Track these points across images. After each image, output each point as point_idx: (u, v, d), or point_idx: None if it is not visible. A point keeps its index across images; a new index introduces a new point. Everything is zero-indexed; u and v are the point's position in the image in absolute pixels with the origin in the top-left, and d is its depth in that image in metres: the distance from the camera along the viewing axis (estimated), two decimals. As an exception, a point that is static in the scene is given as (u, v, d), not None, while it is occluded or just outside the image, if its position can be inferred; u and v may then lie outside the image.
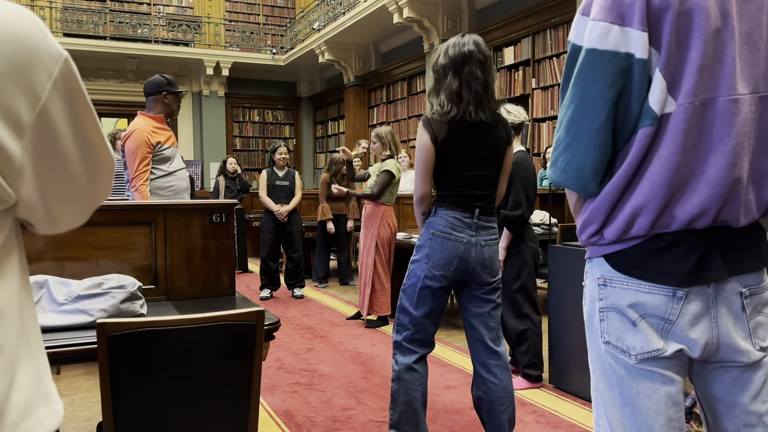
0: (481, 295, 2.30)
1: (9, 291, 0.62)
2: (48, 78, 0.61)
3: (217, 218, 2.34)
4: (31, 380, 0.63)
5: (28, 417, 0.62)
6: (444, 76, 2.21)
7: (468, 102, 2.17)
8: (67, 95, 0.63)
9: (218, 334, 1.49)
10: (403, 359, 2.28)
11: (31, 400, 0.63)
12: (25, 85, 0.59)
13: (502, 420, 2.31)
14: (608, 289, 1.13)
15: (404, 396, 2.27)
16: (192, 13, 12.77)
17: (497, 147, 2.27)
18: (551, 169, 1.16)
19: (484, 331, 2.30)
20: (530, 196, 3.31)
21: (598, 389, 1.18)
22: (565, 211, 5.69)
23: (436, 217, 2.25)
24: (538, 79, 7.21)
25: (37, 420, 0.63)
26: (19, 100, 0.59)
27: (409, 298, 2.28)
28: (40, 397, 0.64)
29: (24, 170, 0.61)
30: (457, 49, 2.19)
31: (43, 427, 0.63)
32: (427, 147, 2.20)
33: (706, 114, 1.05)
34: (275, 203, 5.92)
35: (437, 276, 2.22)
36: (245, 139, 13.48)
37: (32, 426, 0.62)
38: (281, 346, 4.34)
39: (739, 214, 1.07)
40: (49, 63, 0.61)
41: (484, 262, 2.24)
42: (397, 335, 2.31)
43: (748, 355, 1.09)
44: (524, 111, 3.37)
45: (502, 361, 2.32)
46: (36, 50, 0.60)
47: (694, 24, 1.03)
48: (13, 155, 0.59)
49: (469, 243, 2.21)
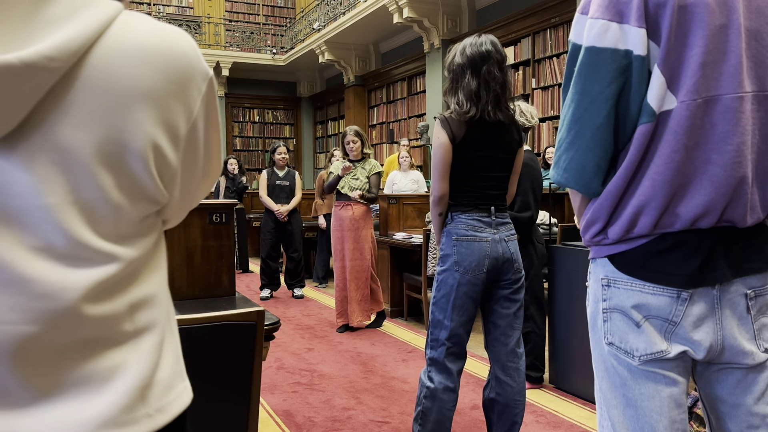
0: (509, 296, 2.27)
1: (161, 279, 0.71)
2: (198, 94, 0.68)
3: (217, 218, 2.34)
4: (172, 358, 0.72)
5: (170, 391, 0.69)
6: (462, 75, 2.19)
7: (487, 101, 2.16)
8: (208, 110, 0.70)
9: (218, 334, 1.48)
10: (441, 378, 2.22)
11: (173, 376, 0.70)
12: (184, 101, 0.66)
13: (515, 422, 2.30)
14: (612, 289, 1.12)
15: (438, 415, 2.21)
16: (192, 13, 12.77)
17: (510, 148, 2.27)
18: (554, 169, 1.16)
19: (510, 332, 2.28)
20: (538, 197, 3.29)
21: (602, 390, 1.17)
22: (566, 211, 5.69)
23: (454, 223, 2.22)
24: (538, 79, 7.21)
25: (176, 394, 0.70)
26: (179, 114, 0.65)
27: (442, 310, 2.22)
28: (178, 373, 0.72)
29: (176, 176, 0.68)
30: (474, 48, 2.18)
31: (180, 400, 0.70)
32: (445, 146, 2.18)
33: (711, 112, 1.04)
34: (275, 203, 5.91)
35: (471, 280, 2.18)
36: (245, 139, 13.48)
37: (173, 399, 0.69)
38: (281, 346, 4.34)
39: (745, 214, 1.06)
40: (200, 81, 0.68)
41: (511, 257, 2.23)
42: (432, 351, 2.24)
43: (753, 356, 1.08)
44: (536, 112, 3.34)
45: (520, 364, 2.30)
46: (192, 69, 0.67)
47: (696, 19, 1.02)
48: (171, 163, 0.66)
49: (494, 240, 2.20)
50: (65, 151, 0.58)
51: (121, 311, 0.64)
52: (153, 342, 0.68)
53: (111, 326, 0.63)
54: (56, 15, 0.57)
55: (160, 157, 0.64)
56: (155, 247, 0.70)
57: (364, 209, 4.71)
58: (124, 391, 0.63)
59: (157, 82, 0.63)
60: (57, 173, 0.58)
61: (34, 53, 0.54)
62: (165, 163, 0.65)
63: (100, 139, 0.59)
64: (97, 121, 0.59)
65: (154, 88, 0.62)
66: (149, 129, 0.62)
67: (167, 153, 0.65)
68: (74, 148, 0.58)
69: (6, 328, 0.57)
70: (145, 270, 0.68)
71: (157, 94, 0.63)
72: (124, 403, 0.63)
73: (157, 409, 0.66)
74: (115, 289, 0.63)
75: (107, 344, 0.63)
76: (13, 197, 0.57)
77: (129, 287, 0.65)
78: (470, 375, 3.63)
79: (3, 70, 0.52)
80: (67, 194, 0.58)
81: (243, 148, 13.38)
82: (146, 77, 0.62)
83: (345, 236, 4.68)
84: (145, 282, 0.67)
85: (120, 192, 0.62)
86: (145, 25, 0.64)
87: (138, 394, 0.64)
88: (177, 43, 0.65)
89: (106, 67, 0.59)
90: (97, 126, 0.59)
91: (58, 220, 0.58)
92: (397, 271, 5.22)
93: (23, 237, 0.58)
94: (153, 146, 0.63)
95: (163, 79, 0.63)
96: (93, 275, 0.60)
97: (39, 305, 0.58)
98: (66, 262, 0.59)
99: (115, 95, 0.60)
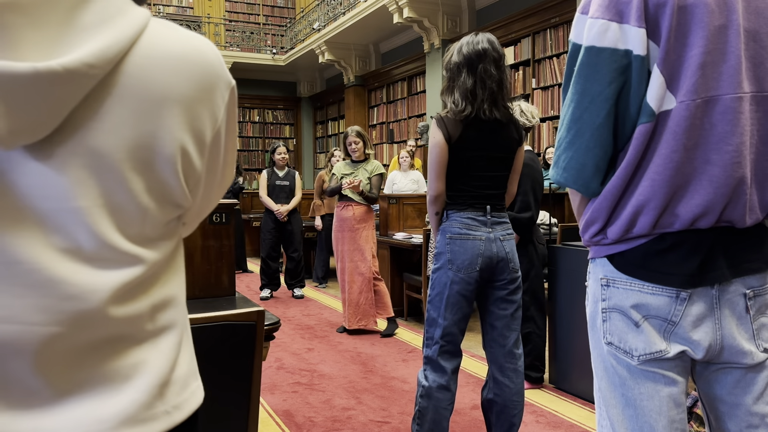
0: (506, 296, 2.26)
1: (180, 280, 0.73)
2: (222, 102, 0.69)
3: (217, 218, 2.34)
4: (188, 358, 0.73)
5: (185, 388, 0.71)
6: (458, 74, 2.19)
7: (482, 100, 2.15)
8: (229, 117, 0.72)
9: (218, 334, 1.48)
10: (435, 377, 2.22)
11: (188, 374, 0.72)
12: (210, 108, 0.67)
13: (513, 423, 2.30)
14: (611, 289, 1.12)
15: (434, 414, 2.21)
16: (192, 13, 12.77)
17: (509, 147, 2.25)
18: (553, 168, 1.16)
19: (507, 333, 2.27)
20: (538, 198, 3.28)
21: (601, 390, 1.17)
22: (566, 211, 5.69)
23: (449, 221, 2.22)
24: (538, 79, 7.21)
25: (191, 392, 0.72)
26: (206, 121, 0.67)
27: (436, 308, 2.22)
28: (193, 372, 0.74)
29: (201, 181, 0.70)
30: (471, 47, 2.17)
31: (195, 398, 0.72)
32: (441, 145, 2.17)
33: (711, 112, 1.04)
34: (275, 203, 5.92)
35: (464, 278, 2.18)
36: (245, 139, 13.48)
37: (188, 396, 0.71)
38: (281, 346, 4.34)
39: (744, 215, 1.06)
40: (224, 89, 0.70)
41: (506, 256, 2.22)
42: (428, 350, 2.25)
43: (752, 356, 1.08)
44: (537, 111, 3.33)
45: (518, 365, 2.30)
46: (217, 77, 0.68)
47: (695, 19, 1.02)
48: (197, 169, 0.68)
49: (488, 239, 2.19)
50: (98, 155, 0.59)
51: (143, 311, 0.65)
52: (172, 341, 0.70)
53: (133, 326, 0.65)
54: (91, 22, 0.58)
55: (187, 162, 0.66)
56: (176, 250, 0.72)
57: (365, 210, 4.65)
58: (144, 388, 0.65)
59: (188, 89, 0.64)
60: (89, 177, 0.59)
61: (75, 60, 0.55)
62: (191, 169, 0.67)
63: (133, 144, 0.61)
64: (130, 126, 0.60)
65: (184, 95, 0.64)
66: (179, 135, 0.64)
67: (194, 158, 0.67)
68: (107, 152, 0.59)
69: (32, 329, 0.58)
70: (167, 272, 0.70)
71: (187, 101, 0.64)
72: (144, 401, 0.64)
73: (174, 406, 0.68)
74: (139, 290, 0.65)
75: (129, 343, 0.65)
76: (45, 200, 0.58)
77: (151, 288, 0.67)
78: (470, 375, 3.64)
79: (46, 76, 0.53)
80: (97, 197, 0.60)
81: (243, 148, 13.37)
82: (178, 84, 0.63)
83: (345, 237, 4.62)
84: (166, 283, 0.69)
85: (149, 196, 0.63)
86: (174, 33, 0.66)
87: (157, 391, 0.66)
88: (204, 51, 0.67)
89: (139, 74, 0.61)
90: (130, 131, 0.60)
91: (88, 222, 0.59)
92: (397, 271, 5.22)
93: (53, 239, 0.59)
94: (182, 151, 0.64)
95: (192, 87, 0.65)
96: (119, 277, 0.62)
97: (66, 306, 0.59)
98: (93, 263, 0.61)
99: (148, 101, 0.61)
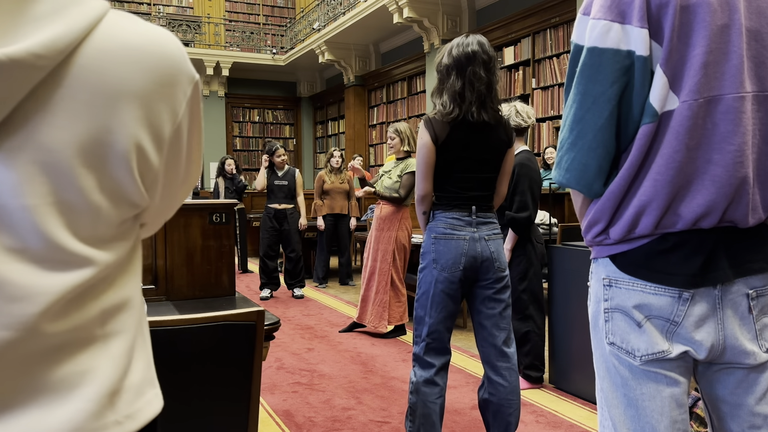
0: (493, 296, 2.28)
1: (135, 284, 0.70)
2: (184, 97, 0.67)
3: (217, 218, 2.34)
4: (143, 365, 0.70)
5: (140, 397, 0.68)
6: (447, 76, 2.20)
7: (471, 102, 2.16)
8: (192, 113, 0.69)
9: (218, 334, 1.48)
10: (422, 372, 2.27)
11: (143, 383, 0.69)
12: (169, 103, 0.65)
13: (510, 422, 2.31)
14: (613, 289, 1.12)
15: (423, 409, 2.25)
16: (192, 13, 12.77)
17: (497, 149, 2.26)
18: (556, 169, 1.15)
19: (496, 332, 2.29)
20: (536, 197, 3.28)
21: (603, 390, 1.17)
22: (566, 211, 5.69)
23: (435, 221, 2.26)
24: (538, 79, 7.21)
25: (147, 400, 0.69)
26: (165, 117, 0.65)
27: (423, 307, 2.27)
28: (149, 381, 0.71)
29: (158, 179, 0.67)
30: (461, 49, 2.18)
31: (151, 407, 0.70)
32: (428, 147, 2.19)
33: (713, 112, 1.04)
34: (274, 202, 5.95)
35: (448, 278, 2.21)
36: (245, 139, 13.48)
37: (143, 405, 0.68)
38: (281, 346, 4.33)
39: (747, 214, 1.06)
40: (186, 84, 0.67)
41: (491, 255, 2.23)
42: (416, 347, 2.30)
43: (755, 356, 1.08)
44: (533, 112, 3.32)
45: (511, 363, 2.31)
46: (179, 71, 0.66)
47: (698, 19, 1.02)
48: (154, 166, 0.65)
49: (472, 239, 2.21)
50: (48, 150, 0.56)
51: (93, 316, 0.63)
52: (123, 347, 0.66)
53: (83, 331, 0.62)
54: (43, 12, 0.55)
55: (143, 159, 0.63)
56: (132, 252, 0.69)
57: (391, 210, 4.51)
58: (92, 397, 0.62)
59: (145, 83, 0.62)
60: (38, 173, 0.56)
61: (20, 50, 0.52)
62: (147, 166, 0.64)
63: (84, 139, 0.58)
64: (82, 120, 0.58)
65: (141, 89, 0.61)
66: (134, 130, 0.61)
67: (150, 155, 0.64)
68: (57, 148, 0.57)
69: None
70: (121, 274, 0.67)
71: (144, 95, 0.62)
72: (92, 410, 0.61)
73: (126, 415, 0.65)
74: (90, 293, 0.62)
75: (76, 349, 0.62)
76: None
77: (103, 291, 0.64)
78: (470, 375, 3.63)
79: None
80: (47, 195, 0.57)
81: (243, 148, 13.37)
82: (134, 78, 0.61)
83: (372, 235, 4.65)
84: (119, 287, 0.66)
85: (101, 194, 0.61)
86: (133, 25, 0.63)
87: (107, 400, 0.63)
88: (165, 44, 0.64)
89: (93, 66, 0.58)
90: (82, 126, 0.58)
91: (36, 221, 0.57)
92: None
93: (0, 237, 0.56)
94: (136, 148, 0.62)
95: (150, 81, 0.62)
96: (69, 279, 0.59)
97: (12, 309, 0.56)
98: (41, 264, 0.58)
99: (101, 95, 0.59)
